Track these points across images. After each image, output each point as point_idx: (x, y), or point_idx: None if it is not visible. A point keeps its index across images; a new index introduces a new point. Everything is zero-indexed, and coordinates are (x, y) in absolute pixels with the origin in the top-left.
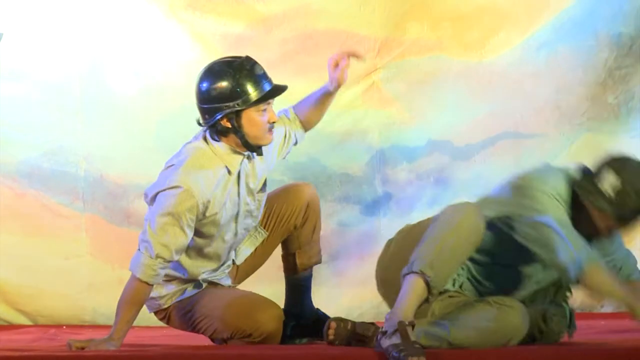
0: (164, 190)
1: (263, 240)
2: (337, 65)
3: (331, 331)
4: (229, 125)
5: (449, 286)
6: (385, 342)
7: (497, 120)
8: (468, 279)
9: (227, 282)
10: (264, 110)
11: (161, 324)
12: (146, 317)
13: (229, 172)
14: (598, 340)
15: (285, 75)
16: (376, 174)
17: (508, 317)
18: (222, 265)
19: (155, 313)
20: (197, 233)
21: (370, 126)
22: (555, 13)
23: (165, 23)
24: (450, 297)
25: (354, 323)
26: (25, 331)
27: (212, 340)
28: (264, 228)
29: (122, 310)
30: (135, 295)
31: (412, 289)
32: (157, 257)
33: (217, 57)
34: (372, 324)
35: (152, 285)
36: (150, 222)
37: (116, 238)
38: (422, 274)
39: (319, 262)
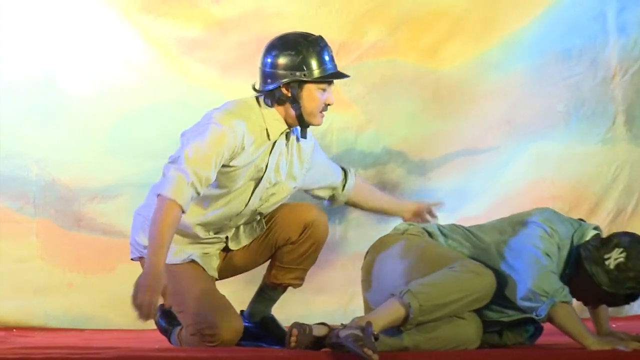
0: (209, 123)
1: (259, 237)
2: (424, 213)
3: (293, 338)
4: (288, 94)
5: None
6: (344, 332)
7: (452, 137)
8: None
9: (214, 265)
10: (324, 90)
11: (115, 326)
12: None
13: (268, 136)
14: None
15: (241, 78)
16: None
17: (462, 329)
18: (217, 235)
19: (139, 261)
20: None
21: (328, 129)
22: (507, 29)
23: (119, 26)
24: None
25: (310, 327)
26: None
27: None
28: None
29: (158, 236)
30: (170, 217)
31: (392, 313)
32: (192, 184)
33: (171, 60)
34: (324, 324)
35: (183, 212)
36: (188, 151)
37: (67, 242)
38: (408, 307)
39: (294, 286)
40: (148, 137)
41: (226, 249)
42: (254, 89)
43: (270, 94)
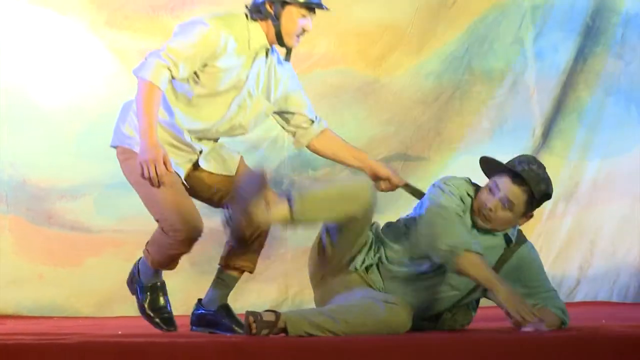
0: (197, 22)
1: (225, 178)
2: (381, 180)
3: (253, 325)
4: (271, 10)
5: (356, 263)
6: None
7: (391, 142)
8: (377, 264)
9: (182, 173)
10: (304, 16)
11: (81, 314)
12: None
13: (249, 45)
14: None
15: None
16: (284, 179)
17: (395, 316)
18: (189, 144)
19: (117, 148)
20: (197, 76)
21: (280, 134)
22: (439, 43)
23: (86, 39)
24: (349, 273)
25: (261, 314)
26: None
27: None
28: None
29: (145, 116)
30: (151, 98)
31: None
32: (168, 68)
33: (134, 76)
34: (274, 311)
35: (161, 90)
36: (170, 42)
37: (38, 237)
38: (289, 202)
39: (248, 270)
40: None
41: (195, 166)
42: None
43: (256, 8)
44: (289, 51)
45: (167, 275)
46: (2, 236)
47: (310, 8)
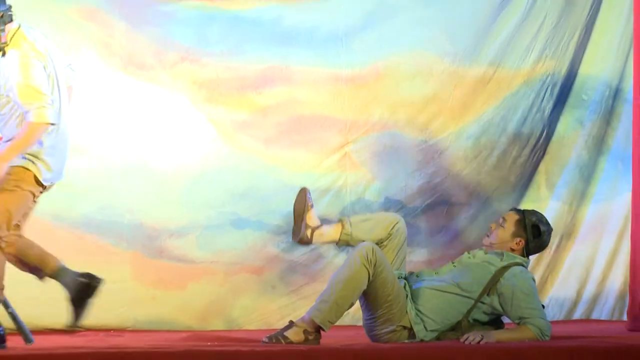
0: None
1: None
2: None
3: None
4: None
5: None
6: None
7: (436, 191)
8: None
9: None
10: None
11: (187, 328)
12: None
13: None
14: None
15: (279, 149)
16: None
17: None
18: None
19: None
20: None
21: (343, 185)
22: (478, 112)
23: (189, 112)
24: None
25: (285, 336)
26: (83, 334)
27: None
28: None
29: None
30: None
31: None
32: None
33: (227, 137)
34: (292, 325)
35: None
36: None
37: (151, 268)
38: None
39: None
40: (210, 192)
41: None
42: None
43: None
44: (3, 50)
45: (243, 295)
46: (123, 267)
47: None
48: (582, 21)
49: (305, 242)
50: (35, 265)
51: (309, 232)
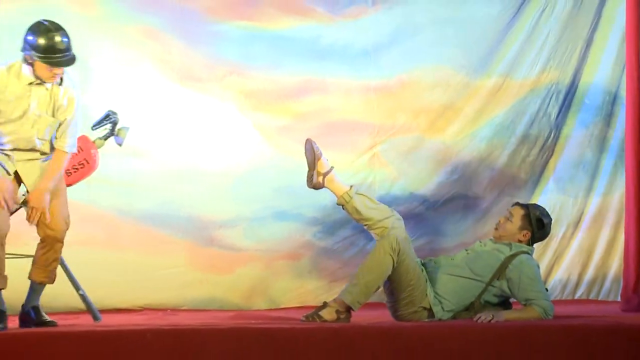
0: None
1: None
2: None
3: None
4: (30, 61)
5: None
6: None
7: (454, 186)
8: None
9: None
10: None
11: (234, 307)
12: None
13: (20, 82)
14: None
15: None
16: None
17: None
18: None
19: None
20: None
21: (373, 182)
22: (490, 116)
23: (237, 118)
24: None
25: (319, 315)
26: (143, 313)
27: None
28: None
29: None
30: None
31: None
32: None
33: (271, 139)
34: (325, 305)
35: None
36: None
37: (204, 255)
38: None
39: (49, 282)
40: (255, 188)
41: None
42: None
43: (24, 58)
44: (61, 79)
45: (282, 278)
46: (179, 255)
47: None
48: (583, 36)
49: (317, 187)
50: None
51: (320, 179)
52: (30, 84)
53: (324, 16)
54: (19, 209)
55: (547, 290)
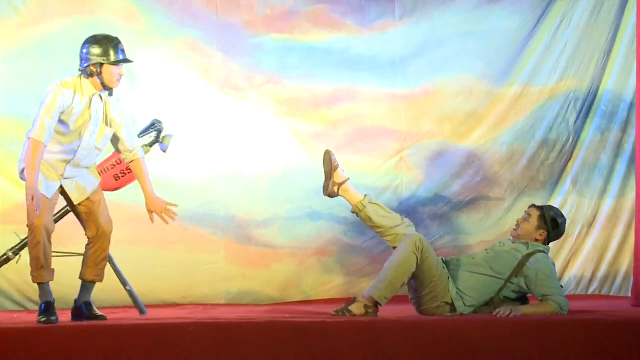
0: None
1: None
2: (158, 212)
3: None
4: (94, 70)
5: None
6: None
7: (477, 188)
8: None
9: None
10: (117, 67)
11: (272, 301)
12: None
13: (83, 94)
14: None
15: (347, 154)
16: (402, 214)
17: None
18: (61, 173)
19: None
20: (60, 121)
21: (400, 184)
22: (511, 123)
23: (273, 123)
24: None
25: (349, 309)
26: (186, 307)
27: None
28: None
29: (30, 165)
30: (36, 152)
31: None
32: (42, 125)
33: (305, 144)
34: (354, 300)
35: (45, 144)
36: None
37: (242, 252)
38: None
39: (99, 280)
40: (290, 190)
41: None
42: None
43: (84, 71)
44: (111, 91)
45: (315, 273)
46: (219, 251)
47: (119, 62)
48: (600, 46)
49: (332, 195)
50: None
51: (335, 188)
52: (93, 95)
53: (353, 29)
54: (64, 215)
55: (562, 286)
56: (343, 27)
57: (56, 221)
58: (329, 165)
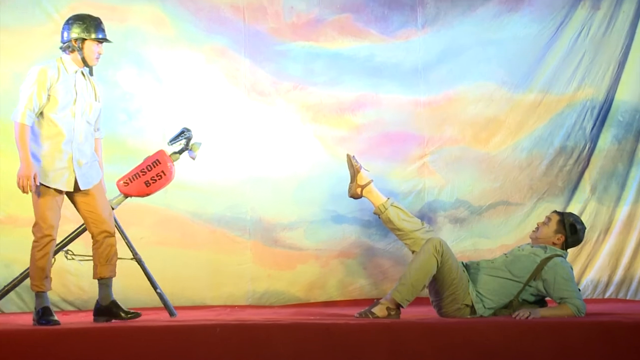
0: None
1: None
2: None
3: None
4: (75, 45)
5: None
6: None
7: (497, 193)
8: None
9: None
10: (98, 45)
11: (296, 301)
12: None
13: (67, 71)
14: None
15: (371, 159)
16: (424, 218)
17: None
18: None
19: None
20: (50, 98)
21: (422, 188)
22: (530, 129)
23: (299, 129)
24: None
25: (372, 312)
26: (213, 309)
27: None
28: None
29: (22, 146)
30: (24, 133)
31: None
32: (26, 107)
33: (329, 149)
34: (378, 303)
35: (29, 125)
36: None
37: (268, 254)
38: (388, 199)
39: (114, 275)
40: (315, 194)
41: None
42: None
43: (65, 46)
44: (91, 69)
45: (339, 274)
46: (246, 253)
47: (100, 41)
48: (615, 58)
49: (356, 197)
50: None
51: (359, 190)
52: (76, 71)
53: (377, 37)
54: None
55: (579, 290)
56: (367, 36)
57: (72, 240)
58: (352, 168)
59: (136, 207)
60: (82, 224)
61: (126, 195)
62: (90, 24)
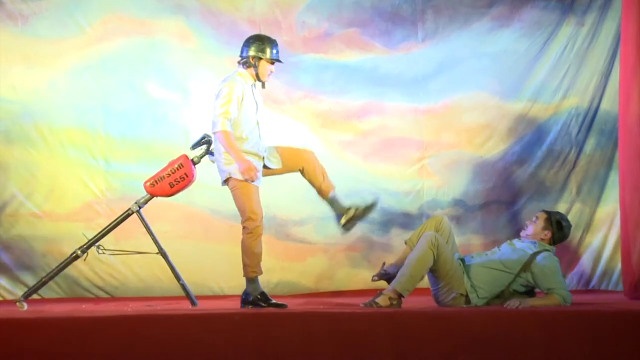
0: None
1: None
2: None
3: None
4: (252, 63)
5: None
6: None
7: (490, 193)
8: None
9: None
10: (271, 64)
11: (300, 291)
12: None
13: (246, 83)
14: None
15: (374, 162)
16: (423, 216)
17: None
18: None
19: (228, 182)
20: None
21: (421, 188)
22: (520, 134)
23: (308, 135)
24: None
25: (376, 302)
26: (231, 298)
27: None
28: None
29: (233, 149)
30: (229, 138)
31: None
32: (224, 116)
33: (336, 153)
34: (380, 293)
35: (230, 132)
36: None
37: (281, 247)
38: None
39: (331, 188)
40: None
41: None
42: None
43: (244, 62)
44: (263, 83)
45: (346, 266)
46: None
47: (273, 61)
48: (598, 70)
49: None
50: None
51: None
52: (252, 85)
53: (381, 50)
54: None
55: (565, 281)
56: (372, 48)
57: (117, 224)
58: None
59: (161, 204)
60: (113, 221)
61: (152, 195)
62: (267, 44)
